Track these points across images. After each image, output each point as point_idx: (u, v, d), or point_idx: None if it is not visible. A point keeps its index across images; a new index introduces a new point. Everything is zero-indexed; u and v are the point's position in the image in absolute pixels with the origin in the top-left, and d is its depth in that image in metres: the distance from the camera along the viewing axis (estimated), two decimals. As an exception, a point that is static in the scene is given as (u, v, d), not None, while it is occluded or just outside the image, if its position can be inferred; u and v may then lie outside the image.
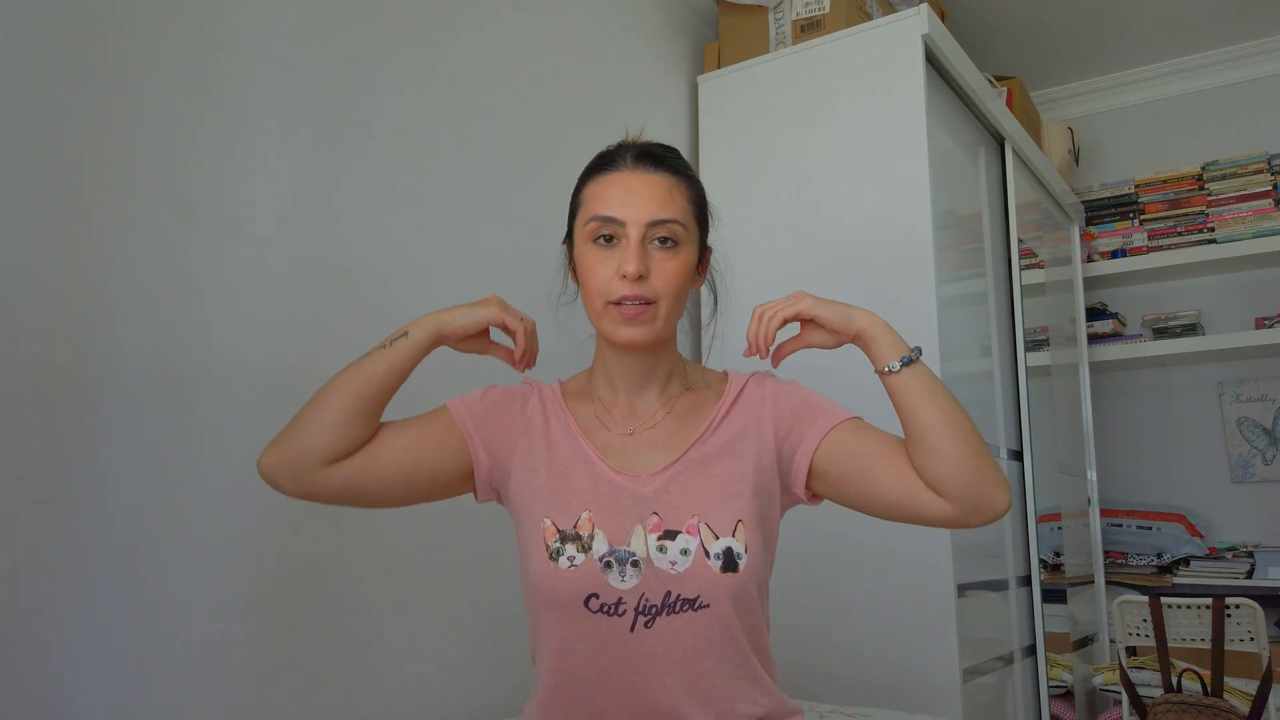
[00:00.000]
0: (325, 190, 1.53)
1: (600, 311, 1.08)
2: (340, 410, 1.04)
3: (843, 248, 2.17)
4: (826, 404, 1.15)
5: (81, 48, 1.21)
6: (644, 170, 1.10)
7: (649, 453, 1.12)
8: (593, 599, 1.03)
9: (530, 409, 1.16)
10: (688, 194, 1.12)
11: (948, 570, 1.93)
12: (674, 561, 1.04)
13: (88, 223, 1.20)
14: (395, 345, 1.08)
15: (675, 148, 1.16)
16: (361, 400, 1.06)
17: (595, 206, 1.09)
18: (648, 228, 1.07)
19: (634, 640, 1.03)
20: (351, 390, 1.05)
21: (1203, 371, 3.23)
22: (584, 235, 1.10)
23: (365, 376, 1.06)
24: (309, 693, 1.40)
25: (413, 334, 1.08)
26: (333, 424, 1.04)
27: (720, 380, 1.20)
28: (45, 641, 1.11)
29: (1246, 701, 2.19)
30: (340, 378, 1.07)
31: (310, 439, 1.04)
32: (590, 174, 1.14)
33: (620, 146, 1.14)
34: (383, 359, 1.07)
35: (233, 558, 1.32)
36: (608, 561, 1.04)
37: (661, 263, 1.08)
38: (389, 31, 1.68)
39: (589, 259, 1.09)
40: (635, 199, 1.08)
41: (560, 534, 1.06)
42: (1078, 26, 3.14)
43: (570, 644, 1.05)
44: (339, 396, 1.05)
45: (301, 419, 1.05)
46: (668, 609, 1.03)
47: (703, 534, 1.05)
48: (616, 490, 1.08)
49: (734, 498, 1.08)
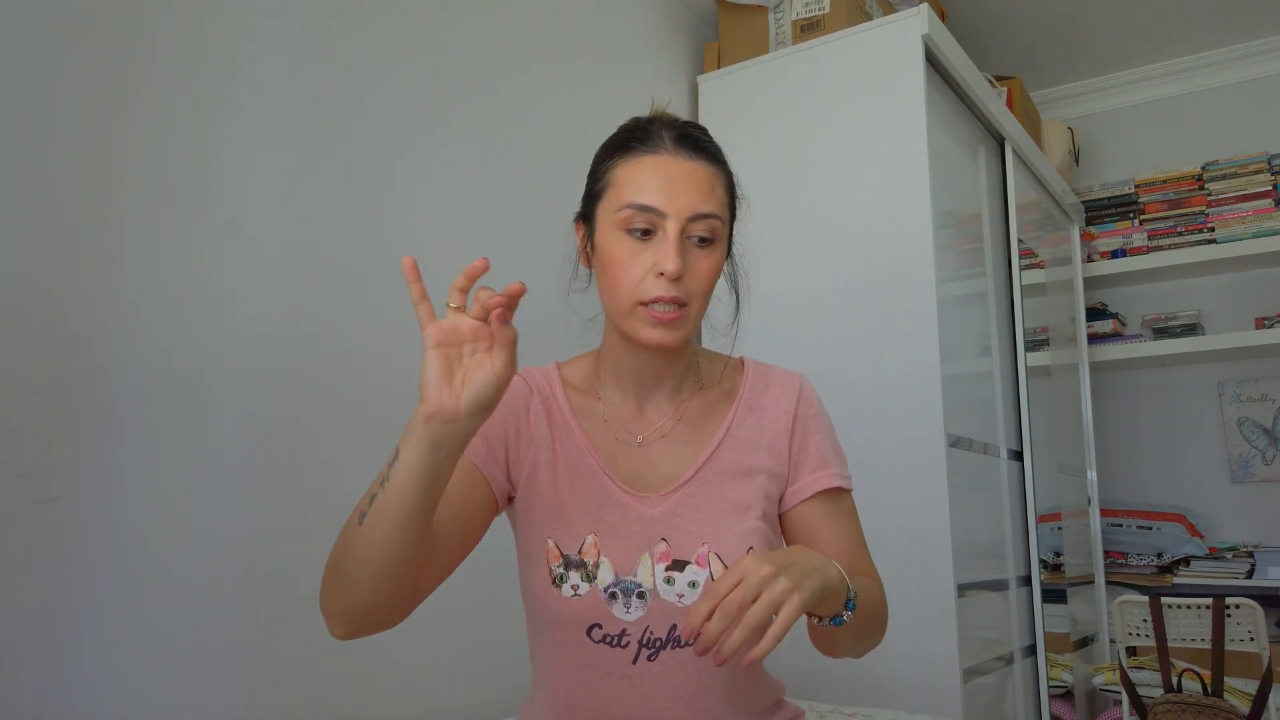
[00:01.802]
0: (326, 190, 1.53)
1: (629, 311, 0.97)
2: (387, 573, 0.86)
3: (842, 248, 2.17)
4: (831, 453, 1.10)
5: (82, 48, 1.21)
6: (686, 156, 0.98)
7: (659, 466, 1.05)
8: (595, 629, 0.99)
9: (533, 415, 1.07)
10: (725, 186, 1.02)
11: (948, 570, 1.93)
12: (681, 594, 0.99)
13: (88, 223, 1.20)
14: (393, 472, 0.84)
15: (706, 128, 1.06)
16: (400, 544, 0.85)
17: (631, 192, 0.97)
18: (689, 222, 0.96)
19: (636, 673, 0.99)
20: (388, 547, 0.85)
21: (1203, 371, 3.23)
22: (612, 222, 0.98)
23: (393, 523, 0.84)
24: (309, 693, 1.40)
25: (404, 452, 0.82)
26: (381, 583, 0.87)
27: (735, 373, 1.13)
28: (45, 641, 1.11)
29: (1247, 701, 2.19)
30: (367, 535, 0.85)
31: (372, 603, 0.87)
32: (622, 150, 1.01)
33: (655, 122, 1.02)
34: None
35: (233, 558, 1.32)
36: (613, 593, 0.99)
37: (697, 261, 0.97)
38: (389, 32, 1.68)
39: (618, 250, 0.97)
40: (677, 189, 0.96)
41: (564, 559, 1.01)
42: (1078, 26, 3.14)
43: (571, 671, 1.01)
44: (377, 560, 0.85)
45: (349, 587, 0.87)
46: (672, 643, 1.00)
47: (712, 565, 1.00)
48: (624, 511, 1.02)
49: (744, 517, 1.03)
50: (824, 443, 1.10)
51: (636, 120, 1.04)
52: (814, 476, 1.08)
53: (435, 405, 0.79)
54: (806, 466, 1.08)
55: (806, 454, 1.09)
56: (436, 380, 0.79)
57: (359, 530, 0.84)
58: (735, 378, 1.12)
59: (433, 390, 0.79)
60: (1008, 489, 2.38)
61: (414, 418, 0.80)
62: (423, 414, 0.79)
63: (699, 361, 1.12)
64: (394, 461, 0.82)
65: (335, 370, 1.50)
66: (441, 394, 0.79)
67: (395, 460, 0.82)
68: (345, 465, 1.49)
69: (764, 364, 1.15)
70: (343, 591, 0.87)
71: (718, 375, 1.12)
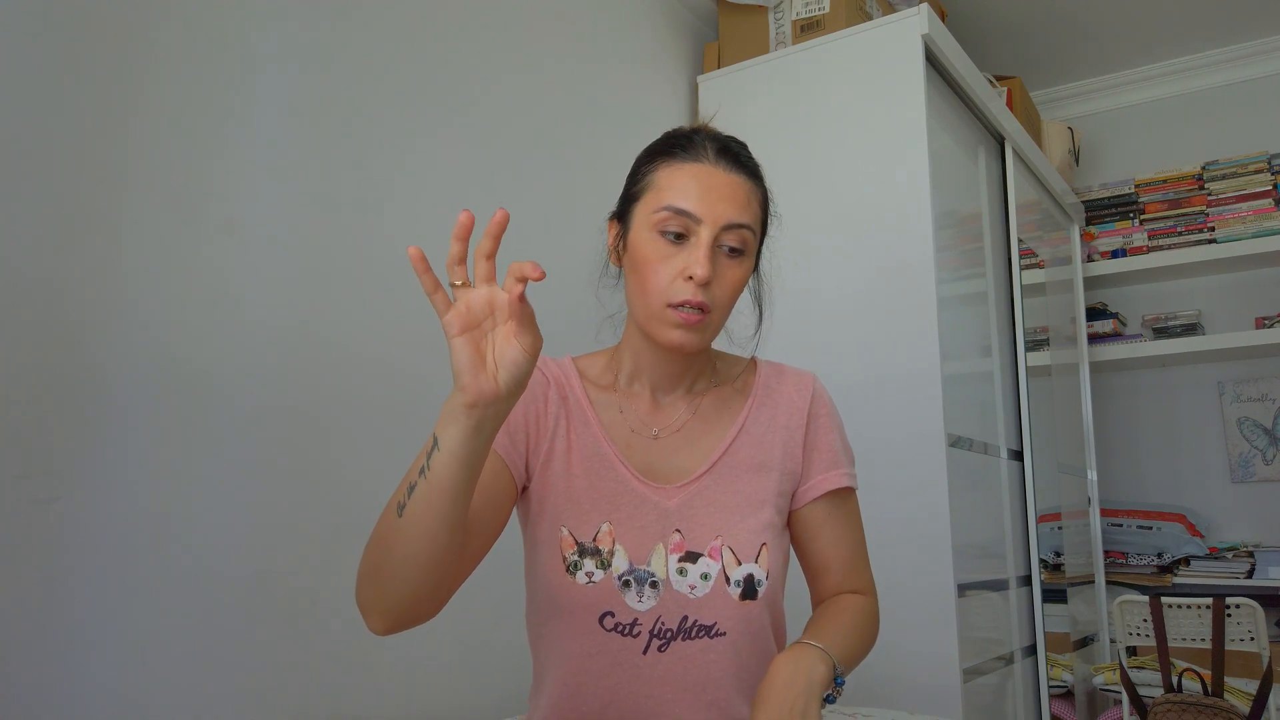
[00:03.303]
0: (326, 190, 1.53)
1: (657, 311, 0.99)
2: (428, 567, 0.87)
3: (842, 248, 2.17)
4: (842, 453, 1.13)
5: (82, 48, 1.21)
6: (726, 168, 1.01)
7: (675, 459, 1.07)
8: (608, 617, 1.00)
9: (550, 404, 1.08)
10: (761, 202, 1.06)
11: (948, 570, 1.93)
12: (693, 585, 1.01)
13: (89, 223, 1.20)
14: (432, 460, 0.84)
15: (747, 144, 1.09)
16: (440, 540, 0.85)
17: (670, 195, 0.99)
18: (722, 231, 0.99)
19: (646, 664, 1.00)
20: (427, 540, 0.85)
21: (1203, 371, 3.23)
22: (649, 223, 1.00)
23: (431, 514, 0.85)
24: (310, 692, 1.40)
25: (444, 440, 0.82)
26: (424, 580, 0.88)
27: (749, 371, 1.15)
28: (45, 641, 1.11)
29: (1247, 701, 2.19)
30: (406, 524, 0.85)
31: (418, 594, 0.88)
32: (664, 155, 1.04)
33: (698, 133, 1.05)
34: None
35: (233, 558, 1.32)
36: (626, 580, 1.00)
37: (726, 270, 1.00)
38: (389, 32, 1.68)
39: (650, 250, 1.00)
40: (715, 198, 0.99)
41: (579, 546, 1.02)
42: (1078, 26, 3.14)
43: (581, 660, 1.02)
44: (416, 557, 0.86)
45: (387, 581, 0.87)
46: (683, 634, 1.01)
47: (725, 559, 1.02)
48: (639, 501, 1.04)
49: (759, 511, 1.05)
50: (836, 442, 1.12)
51: (681, 129, 1.07)
52: (824, 476, 1.10)
53: (475, 393, 0.79)
54: (818, 465, 1.11)
55: (819, 452, 1.11)
56: (471, 367, 0.79)
57: (399, 522, 0.84)
58: (749, 375, 1.15)
59: (469, 378, 0.79)
60: (1008, 489, 2.38)
61: (451, 407, 0.81)
62: (463, 403, 0.79)
63: (715, 361, 1.15)
64: (433, 450, 0.82)
65: (335, 370, 1.50)
66: (479, 380, 0.79)
67: (434, 449, 0.82)
68: (345, 464, 1.49)
69: (776, 363, 1.17)
70: (387, 587, 0.87)
71: (731, 373, 1.14)
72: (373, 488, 1.51)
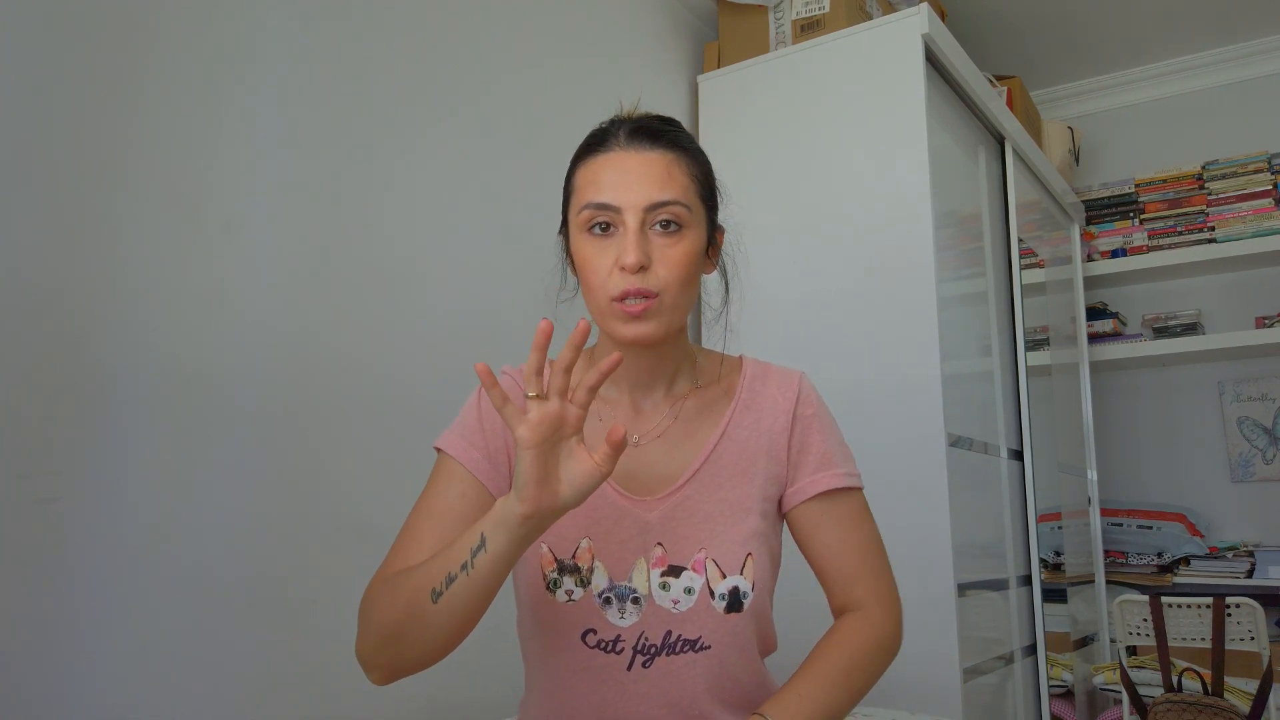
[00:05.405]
0: (325, 190, 1.53)
1: (605, 309, 0.96)
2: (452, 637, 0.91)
3: (842, 247, 2.17)
4: (834, 453, 1.08)
5: (82, 48, 1.21)
6: (639, 148, 0.98)
7: (656, 467, 1.03)
8: (590, 634, 0.99)
9: None
10: (690, 170, 1.00)
11: (948, 570, 1.93)
12: (676, 600, 0.99)
13: (88, 223, 1.20)
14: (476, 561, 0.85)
15: (675, 119, 1.04)
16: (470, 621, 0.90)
17: (587, 192, 0.98)
18: (646, 212, 0.95)
19: (630, 680, 0.98)
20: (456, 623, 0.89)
21: (1203, 371, 3.23)
22: (578, 224, 0.98)
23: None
24: (309, 692, 1.40)
25: (491, 543, 0.84)
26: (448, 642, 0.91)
27: (733, 371, 1.11)
28: (46, 641, 1.11)
29: (1247, 701, 2.19)
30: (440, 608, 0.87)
31: (434, 661, 0.92)
32: (581, 156, 1.02)
33: (613, 122, 1.02)
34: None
35: (233, 558, 1.32)
36: (607, 598, 0.99)
37: (664, 250, 0.95)
38: (389, 32, 1.68)
39: (585, 251, 0.97)
40: (630, 180, 0.96)
41: (558, 564, 1.00)
42: (1078, 26, 3.14)
43: (565, 676, 1.01)
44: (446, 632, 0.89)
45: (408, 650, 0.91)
46: (667, 649, 0.98)
47: (709, 573, 0.99)
48: (619, 515, 1.01)
49: (744, 520, 1.02)
50: (826, 443, 1.08)
51: (600, 123, 1.05)
52: (814, 478, 1.06)
53: (534, 506, 0.80)
54: (806, 467, 1.07)
55: (806, 455, 1.07)
56: (536, 482, 0.80)
57: (431, 608, 0.87)
58: (733, 376, 1.11)
59: (532, 492, 0.80)
60: (1008, 489, 2.38)
61: (505, 513, 0.82)
62: (520, 513, 0.81)
63: (696, 359, 1.10)
64: (478, 550, 0.84)
65: (335, 370, 1.50)
66: (541, 495, 0.80)
67: (480, 549, 0.84)
68: (345, 464, 1.49)
69: (763, 363, 1.13)
70: (404, 655, 0.90)
71: (715, 373, 1.10)
72: (372, 488, 1.51)
